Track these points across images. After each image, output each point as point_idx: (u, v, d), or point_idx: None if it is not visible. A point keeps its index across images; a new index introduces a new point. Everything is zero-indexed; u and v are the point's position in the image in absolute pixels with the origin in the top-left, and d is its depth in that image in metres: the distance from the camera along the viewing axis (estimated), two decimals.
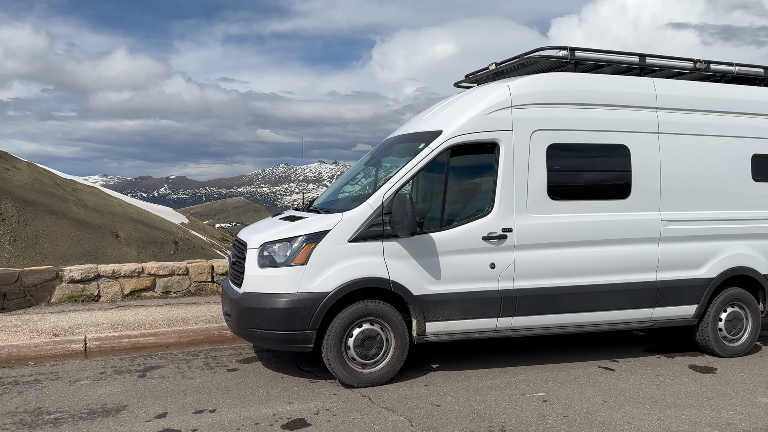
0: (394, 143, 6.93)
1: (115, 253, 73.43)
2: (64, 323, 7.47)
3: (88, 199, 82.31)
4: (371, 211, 5.60)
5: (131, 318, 7.82)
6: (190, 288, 9.42)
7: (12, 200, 67.52)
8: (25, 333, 6.98)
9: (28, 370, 6.09)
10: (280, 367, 6.22)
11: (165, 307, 8.58)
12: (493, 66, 6.81)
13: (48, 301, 8.53)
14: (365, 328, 5.61)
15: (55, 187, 79.83)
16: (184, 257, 73.11)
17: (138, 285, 9.07)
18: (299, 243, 5.52)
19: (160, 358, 6.58)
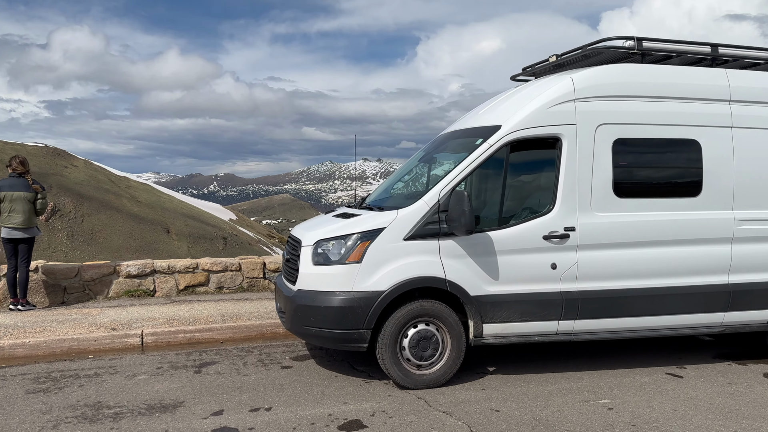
0: (448, 139, 6.77)
1: (166, 248, 75.74)
2: (121, 318, 7.61)
3: (141, 196, 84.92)
4: (427, 209, 5.46)
5: (186, 313, 7.92)
6: (242, 284, 9.48)
7: (70, 196, 70.31)
8: (85, 327, 7.14)
9: (87, 363, 6.21)
10: (333, 366, 6.16)
11: (218, 302, 8.65)
12: (553, 58, 6.56)
13: (106, 295, 8.73)
14: (420, 329, 5.48)
15: (110, 184, 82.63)
16: (232, 253, 75.01)
17: (192, 280, 9.19)
18: (354, 241, 5.44)
19: (215, 353, 6.62)
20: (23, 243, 7.90)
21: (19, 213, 7.82)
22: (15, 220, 7.81)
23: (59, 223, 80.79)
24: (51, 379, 5.66)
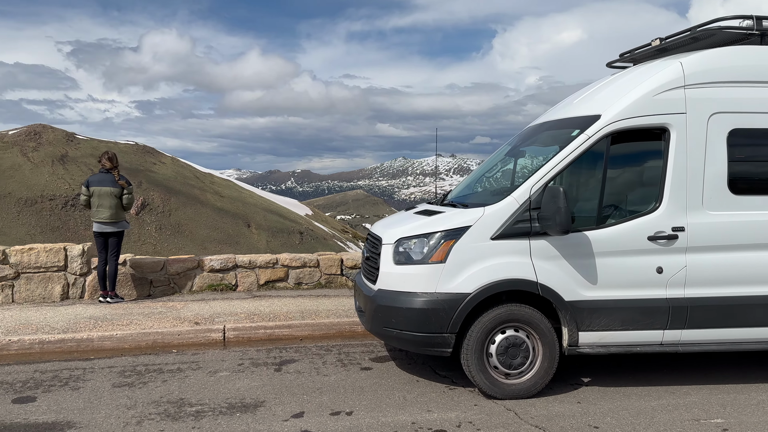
0: (538, 131, 6.32)
1: (247, 241, 78.12)
2: (204, 312, 7.67)
3: (224, 191, 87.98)
4: (517, 206, 5.07)
5: (266, 309, 7.88)
6: (320, 280, 9.39)
7: (158, 192, 73.78)
8: (169, 320, 7.23)
9: (171, 358, 6.25)
10: (414, 369, 5.89)
11: (297, 298, 8.59)
12: (656, 42, 5.96)
13: (190, 289, 8.87)
14: (509, 335, 5.10)
15: (195, 180, 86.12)
16: (308, 247, 76.48)
17: (272, 276, 9.19)
18: (437, 239, 5.13)
19: (294, 351, 6.50)
20: (112, 237, 8.13)
21: (107, 208, 8.04)
22: (103, 215, 8.04)
23: (148, 217, 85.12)
24: (136, 373, 5.71)
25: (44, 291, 8.14)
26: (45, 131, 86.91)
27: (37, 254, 8.11)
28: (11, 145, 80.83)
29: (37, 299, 8.11)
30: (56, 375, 5.57)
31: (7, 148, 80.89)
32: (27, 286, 8.06)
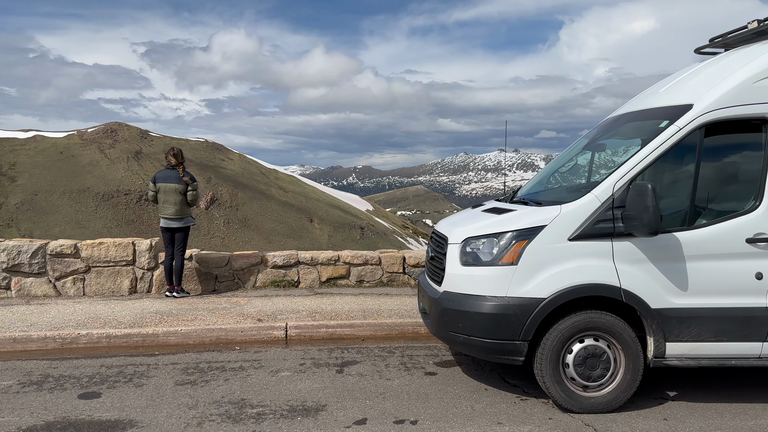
0: (619, 123, 5.82)
1: (310, 235, 79.35)
2: (267, 308, 7.59)
3: (288, 187, 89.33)
4: (598, 204, 4.64)
5: (328, 306, 7.72)
6: (382, 278, 9.17)
7: (226, 187, 75.61)
8: (233, 317, 7.18)
9: (234, 355, 6.16)
10: (481, 376, 5.55)
11: (359, 296, 8.40)
12: (753, 24, 5.35)
13: (253, 284, 8.83)
14: (588, 344, 4.69)
15: (261, 176, 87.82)
16: (368, 242, 76.71)
17: (334, 273, 9.04)
18: (508, 240, 4.77)
19: (356, 352, 6.29)
20: (178, 232, 8.17)
21: (172, 204, 8.09)
22: (168, 211, 8.10)
23: (217, 211, 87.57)
24: (199, 370, 5.65)
25: (113, 285, 8.28)
26: (121, 129, 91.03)
27: (107, 249, 8.27)
28: (90, 143, 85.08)
29: (106, 293, 8.27)
30: (121, 371, 5.58)
31: (86, 145, 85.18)
32: (97, 280, 8.23)
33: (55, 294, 8.11)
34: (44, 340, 6.28)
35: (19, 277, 7.98)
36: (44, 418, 4.44)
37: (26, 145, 75.44)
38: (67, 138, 76.46)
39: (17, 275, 7.97)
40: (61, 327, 6.57)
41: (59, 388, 5.07)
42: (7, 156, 73.94)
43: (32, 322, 6.72)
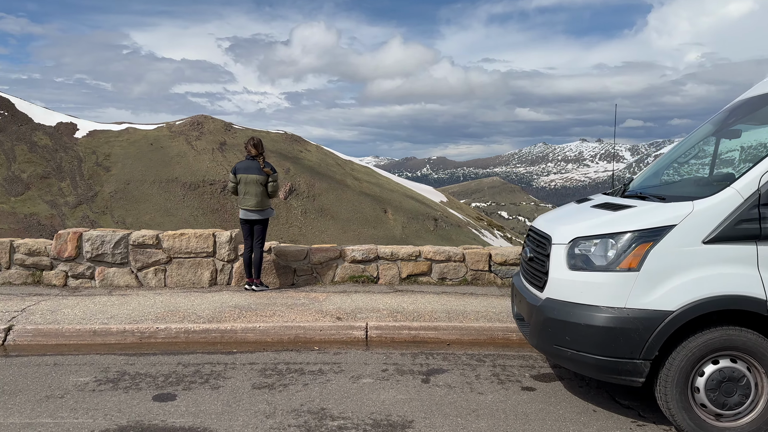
0: (757, 105, 4.93)
1: (384, 227, 79.58)
2: (346, 306, 7.18)
3: (363, 178, 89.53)
4: (741, 201, 3.86)
5: (409, 306, 7.23)
6: (466, 276, 8.56)
7: (304, 178, 76.73)
8: (311, 313, 6.82)
9: (313, 356, 5.78)
10: (588, 395, 4.86)
11: (441, 295, 7.85)
12: None
13: (332, 279, 8.47)
14: (724, 366, 3.93)
15: (337, 167, 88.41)
16: (442, 233, 76.16)
17: (415, 269, 8.53)
18: (627, 241, 4.06)
19: (442, 358, 5.76)
20: (258, 224, 7.91)
21: (252, 196, 7.82)
22: (249, 203, 7.84)
23: (295, 202, 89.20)
24: (277, 372, 5.29)
25: (194, 276, 8.15)
26: (206, 121, 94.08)
27: (188, 240, 8.14)
28: (178, 134, 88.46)
29: (187, 284, 8.15)
30: (198, 370, 5.31)
31: (174, 137, 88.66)
32: (178, 271, 8.12)
33: (137, 284, 8.07)
34: (123, 333, 6.14)
35: (103, 266, 7.99)
36: (117, 422, 4.19)
37: (120, 136, 79.73)
38: (157, 130, 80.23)
39: (101, 265, 7.98)
40: (141, 320, 6.43)
41: (134, 388, 4.84)
42: (102, 147, 78.44)
43: (112, 314, 6.62)
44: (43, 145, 73.93)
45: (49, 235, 74.49)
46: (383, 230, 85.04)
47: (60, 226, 67.47)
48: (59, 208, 68.29)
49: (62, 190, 70.77)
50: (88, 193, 71.80)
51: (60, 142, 76.30)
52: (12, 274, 7.77)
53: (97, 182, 73.17)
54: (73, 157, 73.94)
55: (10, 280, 7.75)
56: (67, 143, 75.93)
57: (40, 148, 72.42)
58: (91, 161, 75.42)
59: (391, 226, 78.91)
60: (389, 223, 79.34)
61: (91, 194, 71.96)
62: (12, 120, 76.16)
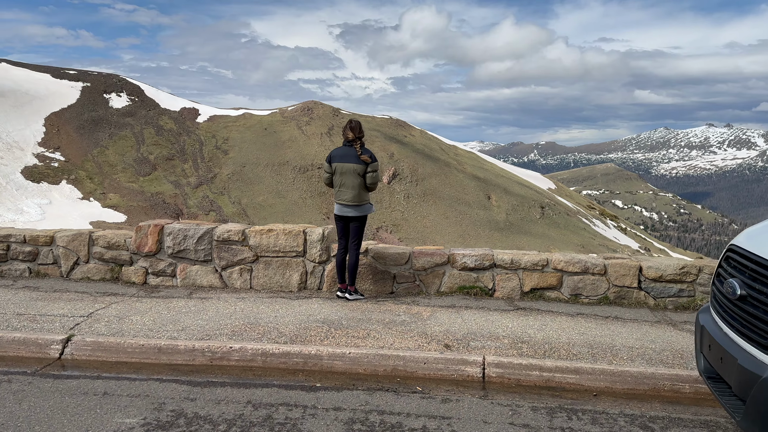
0: None
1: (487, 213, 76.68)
2: (456, 327, 5.73)
3: (467, 163, 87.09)
4: None
5: (537, 332, 5.64)
6: (606, 293, 6.79)
7: (408, 162, 75.82)
8: (413, 337, 5.43)
9: (414, 403, 4.38)
10: None
11: (577, 318, 6.17)
12: None
13: (437, 289, 7.03)
14: None
15: (441, 152, 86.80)
16: (549, 221, 72.22)
17: (541, 281, 6.88)
18: None
19: (590, 420, 4.14)
20: (354, 221, 6.63)
21: (349, 188, 6.54)
22: (345, 197, 6.56)
23: (398, 186, 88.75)
24: (368, 427, 3.94)
25: (282, 278, 7.05)
26: (316, 107, 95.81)
27: (276, 236, 7.03)
28: (289, 120, 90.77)
29: (274, 287, 7.06)
30: (269, 415, 4.09)
31: (286, 122, 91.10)
32: (265, 272, 7.04)
33: (221, 285, 7.10)
34: (192, 352, 5.09)
35: (185, 263, 7.08)
36: None
37: (237, 122, 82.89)
38: (271, 116, 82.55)
39: (183, 262, 7.08)
40: (214, 335, 5.36)
41: None
42: (221, 132, 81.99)
43: (185, 324, 5.62)
44: (168, 128, 78.46)
45: (173, 215, 78.96)
46: (486, 216, 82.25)
47: (183, 206, 71.48)
48: (182, 188, 72.34)
49: (185, 171, 74.88)
50: (208, 175, 75.44)
51: (183, 126, 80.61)
52: (90, 268, 7.07)
53: (216, 164, 76.64)
54: (194, 141, 77.94)
55: (88, 275, 7.05)
56: (190, 127, 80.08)
57: (165, 132, 76.93)
58: (211, 145, 79.10)
59: (495, 213, 76.09)
60: (493, 210, 76.54)
61: (210, 176, 75.58)
62: (141, 105, 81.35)
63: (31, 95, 70.79)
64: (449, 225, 76.73)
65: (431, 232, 77.11)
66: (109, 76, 79.83)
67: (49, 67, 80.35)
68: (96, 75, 77.62)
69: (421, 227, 77.23)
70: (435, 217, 76.35)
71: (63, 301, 6.14)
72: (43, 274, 7.05)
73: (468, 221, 74.42)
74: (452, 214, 79.38)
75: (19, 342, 5.09)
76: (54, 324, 5.45)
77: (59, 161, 67.22)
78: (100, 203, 66.61)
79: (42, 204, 61.68)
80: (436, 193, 77.64)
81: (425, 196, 78.42)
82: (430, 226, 78.11)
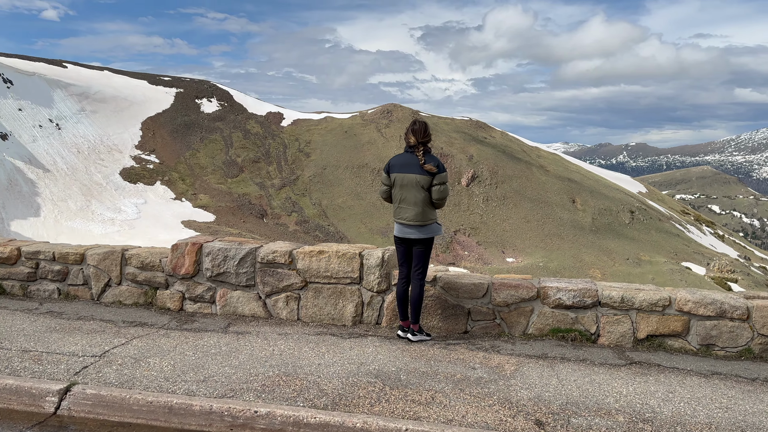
0: None
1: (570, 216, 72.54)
2: (550, 392, 4.29)
3: (550, 166, 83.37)
4: None
5: (662, 403, 4.10)
6: (750, 345, 5.08)
7: (487, 164, 73.33)
8: (493, 406, 4.06)
9: None
10: None
11: (712, 380, 4.55)
12: None
13: (523, 330, 5.59)
14: None
15: (522, 154, 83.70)
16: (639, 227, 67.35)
17: (660, 327, 5.27)
18: None
19: None
20: (418, 246, 5.32)
21: (410, 204, 5.23)
22: (405, 215, 5.27)
23: (477, 188, 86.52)
24: None
25: (333, 309, 5.87)
26: (395, 110, 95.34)
27: (328, 260, 5.85)
28: (369, 122, 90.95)
29: (324, 319, 5.89)
30: None
31: (366, 125, 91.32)
32: (315, 301, 5.89)
33: (265, 315, 6.01)
34: (209, 415, 3.98)
35: (225, 288, 6.05)
36: None
37: (319, 125, 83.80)
38: (351, 119, 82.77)
39: (223, 286, 6.05)
40: (240, 389, 4.24)
41: None
42: (304, 135, 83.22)
43: (210, 372, 4.53)
44: (254, 132, 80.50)
45: (258, 215, 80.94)
46: (571, 220, 78.01)
47: (267, 206, 72.96)
48: (266, 190, 73.88)
49: (269, 174, 76.46)
50: (291, 177, 76.64)
51: (269, 129, 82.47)
52: (123, 291, 6.19)
53: (299, 167, 77.73)
54: (279, 144, 79.48)
55: (120, 299, 6.18)
56: (275, 131, 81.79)
57: (252, 135, 78.93)
58: (294, 147, 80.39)
59: (580, 217, 72.20)
60: (578, 214, 72.62)
61: (293, 178, 76.75)
62: (230, 110, 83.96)
63: (129, 101, 74.68)
64: (530, 229, 73.43)
65: (511, 236, 74.17)
66: (201, 82, 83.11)
67: (146, 74, 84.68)
68: (188, 81, 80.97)
69: (501, 231, 74.46)
70: (515, 221, 73.35)
71: (81, 333, 5.25)
72: (73, 296, 6.25)
73: (550, 225, 70.98)
74: (534, 218, 75.94)
75: (11, 391, 4.19)
76: (59, 366, 4.53)
77: (154, 163, 70.48)
78: (191, 203, 69.22)
79: (138, 203, 64.85)
80: (516, 195, 74.61)
81: (505, 199, 75.53)
82: (510, 230, 75.14)
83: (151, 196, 67.88)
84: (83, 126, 67.90)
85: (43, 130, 63.09)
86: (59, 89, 69.67)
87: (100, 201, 64.23)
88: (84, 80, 73.67)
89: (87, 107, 69.04)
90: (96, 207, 60.35)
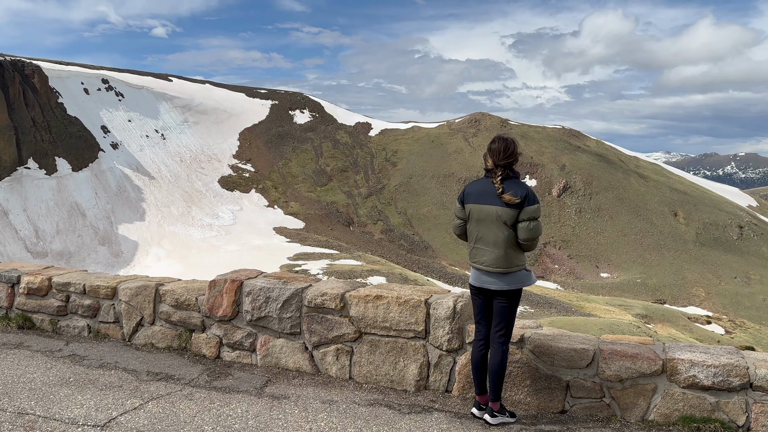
0: None
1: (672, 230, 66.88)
2: None
3: (650, 176, 77.50)
4: None
5: None
6: None
7: (581, 175, 69.27)
8: None
9: None
10: None
11: None
12: None
13: (642, 416, 4.12)
14: None
15: (619, 163, 78.50)
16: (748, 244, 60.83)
17: None
18: None
19: None
20: (501, 298, 4.03)
21: (489, 245, 3.95)
22: (483, 258, 4.00)
23: (569, 199, 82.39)
24: None
25: (392, 369, 4.69)
26: (483, 119, 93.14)
27: (386, 307, 4.69)
28: (456, 132, 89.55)
29: (381, 380, 4.72)
30: None
31: (453, 134, 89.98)
32: (370, 357, 4.74)
33: (311, 370, 4.93)
34: None
35: (267, 335, 5.04)
36: None
37: (406, 135, 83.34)
38: (438, 128, 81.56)
39: (264, 332, 5.05)
40: None
41: None
42: (391, 144, 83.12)
43: None
44: (343, 142, 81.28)
45: (345, 223, 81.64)
46: (672, 235, 71.83)
47: (353, 215, 73.28)
48: (353, 198, 74.14)
49: (357, 182, 76.72)
50: (377, 186, 76.46)
51: (357, 139, 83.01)
52: (155, 332, 5.35)
53: (385, 176, 77.46)
54: (366, 153, 79.68)
55: (152, 341, 5.34)
56: (363, 141, 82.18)
57: (341, 145, 79.71)
58: (381, 157, 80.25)
59: (683, 232, 66.45)
60: (680, 228, 66.90)
61: (379, 187, 76.54)
62: (321, 121, 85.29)
63: (228, 113, 77.82)
64: (627, 243, 68.41)
65: (606, 250, 69.48)
66: (294, 94, 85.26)
67: (244, 87, 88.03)
68: (283, 93, 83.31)
69: (595, 244, 69.88)
70: (611, 234, 68.71)
71: (95, 388, 4.42)
72: (103, 335, 5.51)
73: (650, 239, 65.87)
74: (631, 232, 70.74)
75: None
76: None
77: (250, 172, 72.84)
78: (282, 210, 70.88)
79: (234, 210, 67.24)
80: (612, 207, 69.87)
81: (599, 211, 70.94)
82: (605, 244, 70.38)
83: (246, 203, 70.10)
84: (186, 136, 71.45)
85: (149, 140, 66.96)
86: (165, 101, 73.80)
87: (200, 207, 66.97)
88: (187, 93, 77.64)
89: (189, 118, 72.61)
90: (196, 213, 63.14)
